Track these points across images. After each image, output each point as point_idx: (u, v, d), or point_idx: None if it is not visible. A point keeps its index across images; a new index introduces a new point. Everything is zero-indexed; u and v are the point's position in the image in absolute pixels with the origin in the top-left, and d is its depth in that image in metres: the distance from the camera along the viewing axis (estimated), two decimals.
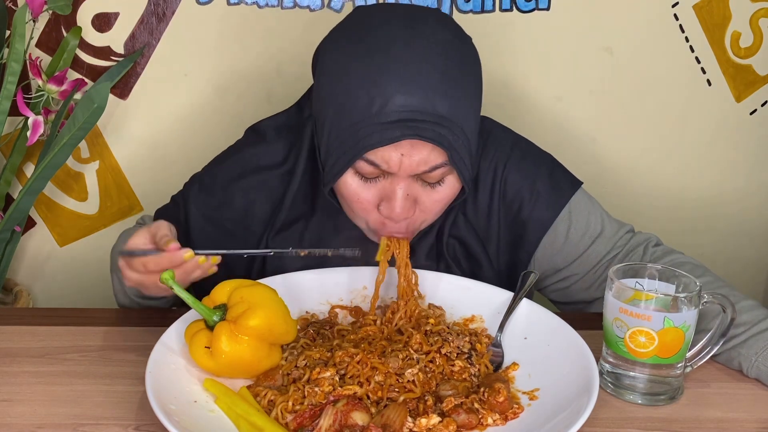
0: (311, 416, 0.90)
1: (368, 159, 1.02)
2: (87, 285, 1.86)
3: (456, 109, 1.01)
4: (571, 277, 1.21)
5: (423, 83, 0.99)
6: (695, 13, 1.73)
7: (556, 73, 1.75)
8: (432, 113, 1.00)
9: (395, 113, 0.99)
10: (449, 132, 1.01)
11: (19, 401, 0.95)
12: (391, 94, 0.99)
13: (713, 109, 1.80)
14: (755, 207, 1.90)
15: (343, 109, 1.02)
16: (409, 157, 1.02)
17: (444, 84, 1.00)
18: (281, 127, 1.23)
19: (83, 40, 1.67)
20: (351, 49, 1.03)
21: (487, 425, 0.90)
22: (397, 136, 0.99)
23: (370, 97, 1.00)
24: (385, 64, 1.00)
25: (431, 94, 1.00)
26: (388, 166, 1.03)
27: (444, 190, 1.08)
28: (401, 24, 1.03)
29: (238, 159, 1.23)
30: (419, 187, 1.07)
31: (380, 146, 1.00)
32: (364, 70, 1.01)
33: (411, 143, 1.01)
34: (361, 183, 1.06)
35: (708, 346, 1.00)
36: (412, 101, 0.99)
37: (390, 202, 1.05)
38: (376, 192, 1.07)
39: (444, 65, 1.01)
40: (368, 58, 1.01)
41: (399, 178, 1.04)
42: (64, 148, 1.49)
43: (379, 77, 1.00)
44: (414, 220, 1.09)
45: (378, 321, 1.07)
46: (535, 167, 1.21)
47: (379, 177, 1.06)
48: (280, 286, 1.03)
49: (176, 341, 1.00)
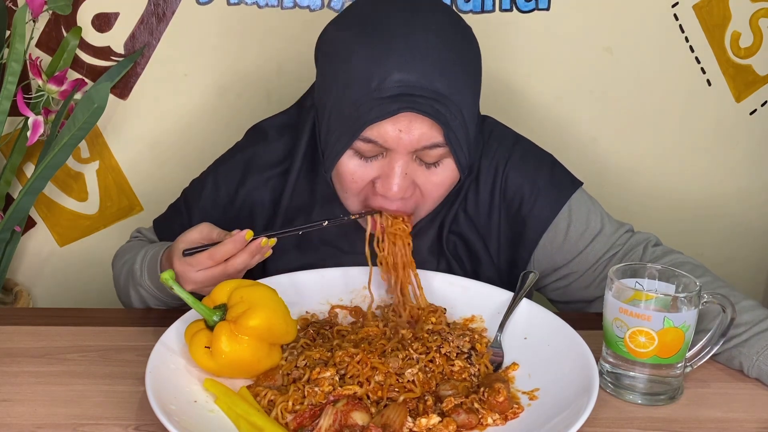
0: (311, 416, 0.90)
1: (366, 137, 1.04)
2: (87, 285, 1.86)
3: (454, 89, 1.03)
4: (571, 276, 1.21)
5: (422, 61, 1.01)
6: (695, 13, 1.73)
7: (556, 73, 1.75)
8: (430, 89, 1.02)
9: (393, 88, 1.01)
10: (446, 110, 1.03)
11: (19, 401, 0.95)
12: (390, 71, 1.01)
13: (713, 109, 1.80)
14: (755, 207, 1.90)
15: (344, 90, 1.04)
16: (407, 132, 1.03)
17: (442, 63, 1.02)
18: (282, 126, 1.24)
19: (83, 40, 1.67)
20: (352, 34, 1.05)
21: (487, 425, 0.90)
22: (394, 110, 1.01)
23: (369, 75, 1.02)
24: (385, 44, 1.02)
25: (430, 71, 1.02)
26: (385, 141, 1.04)
27: (442, 173, 1.09)
28: (402, 10, 1.05)
29: (240, 159, 1.24)
30: (417, 167, 1.08)
31: (379, 120, 1.02)
32: (364, 51, 1.03)
33: (409, 118, 1.02)
34: (360, 163, 1.07)
35: (708, 346, 1.00)
36: (410, 77, 1.01)
37: (387, 179, 1.06)
38: (373, 171, 1.08)
39: (444, 46, 1.03)
40: (368, 40, 1.03)
41: (397, 155, 1.05)
42: (64, 148, 1.49)
43: (379, 56, 1.02)
44: (407, 201, 1.10)
45: (381, 324, 1.07)
46: (536, 165, 1.21)
47: (377, 156, 1.07)
48: (280, 286, 1.03)
49: (176, 341, 1.00)
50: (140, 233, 1.34)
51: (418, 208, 1.12)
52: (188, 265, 1.05)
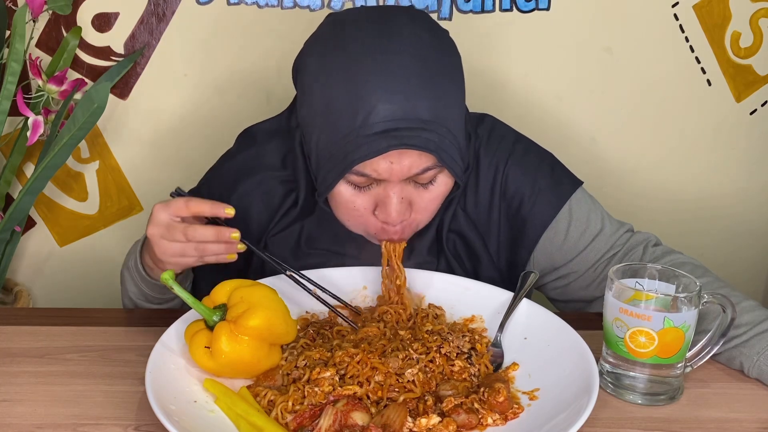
0: (311, 416, 0.90)
1: (358, 171, 1.04)
2: (87, 285, 1.86)
3: (438, 110, 1.03)
4: (571, 275, 1.21)
5: (403, 90, 1.01)
6: (695, 13, 1.73)
7: (556, 73, 1.75)
8: (415, 119, 1.01)
9: (379, 124, 1.00)
10: (435, 135, 1.02)
11: (19, 401, 0.95)
12: (373, 105, 1.00)
13: (713, 109, 1.80)
14: (755, 207, 1.90)
15: (328, 124, 1.04)
16: (398, 163, 1.03)
17: (423, 88, 1.02)
18: (272, 130, 1.23)
19: (83, 40, 1.67)
20: (329, 63, 1.04)
21: (487, 425, 0.90)
22: (383, 147, 1.01)
23: (353, 109, 1.01)
24: (364, 76, 1.01)
25: (413, 99, 1.01)
26: (378, 174, 1.04)
27: (437, 189, 1.09)
28: (375, 30, 1.04)
29: (232, 166, 1.24)
30: (412, 189, 1.08)
31: (368, 159, 1.02)
32: (344, 83, 1.02)
33: (399, 151, 1.02)
34: (355, 192, 1.08)
35: (708, 346, 1.00)
36: (395, 109, 1.00)
37: (385, 207, 1.07)
38: (370, 199, 1.08)
39: (421, 68, 1.02)
40: (346, 71, 1.02)
41: (391, 184, 1.06)
42: (64, 148, 1.49)
43: (360, 89, 1.01)
44: (411, 222, 1.10)
45: (381, 325, 1.07)
46: (536, 164, 1.21)
47: (371, 185, 1.07)
48: (280, 286, 1.03)
49: (176, 341, 1.00)
50: None
51: (418, 223, 1.12)
52: (164, 205, 1.04)
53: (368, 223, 1.10)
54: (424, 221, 1.13)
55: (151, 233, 1.05)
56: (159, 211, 1.04)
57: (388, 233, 1.10)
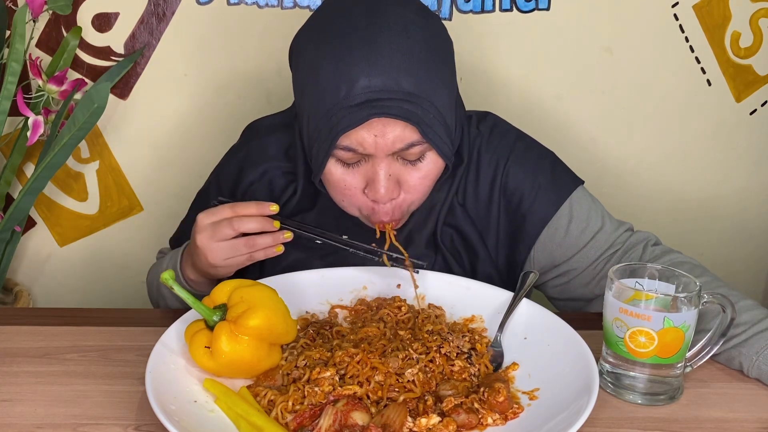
0: (311, 416, 0.90)
1: (344, 145, 1.05)
2: (87, 285, 1.86)
3: (423, 85, 1.03)
4: (570, 273, 1.21)
5: (386, 64, 1.02)
6: (695, 13, 1.73)
7: (556, 73, 1.75)
8: (397, 91, 1.02)
9: (361, 95, 1.02)
10: (418, 107, 1.03)
11: (19, 401, 0.95)
12: (356, 78, 1.02)
13: (713, 109, 1.80)
14: (755, 207, 1.90)
15: (315, 99, 1.05)
16: (382, 136, 1.04)
17: (407, 62, 1.03)
18: (276, 124, 1.26)
19: (83, 40, 1.67)
20: (317, 44, 1.06)
21: (487, 425, 0.90)
22: (364, 116, 1.02)
23: (337, 83, 1.02)
24: (349, 51, 1.02)
25: (395, 73, 1.02)
26: (363, 148, 1.05)
27: (425, 167, 1.09)
28: (363, 10, 1.06)
29: (235, 161, 1.26)
30: (400, 166, 1.08)
31: (350, 129, 1.03)
32: (330, 61, 1.03)
33: (382, 123, 1.03)
34: (345, 170, 1.08)
35: (708, 346, 1.00)
36: (376, 81, 1.02)
37: (373, 184, 1.07)
38: (360, 176, 1.09)
39: (406, 44, 1.03)
40: (332, 50, 1.04)
41: (378, 159, 1.06)
42: (64, 148, 1.49)
43: (344, 65, 1.02)
44: (401, 202, 1.11)
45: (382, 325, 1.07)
46: (537, 162, 1.21)
47: (360, 161, 1.08)
48: (280, 286, 1.03)
49: (176, 341, 1.00)
50: (163, 253, 1.37)
51: (409, 204, 1.12)
52: (208, 212, 1.09)
53: (360, 203, 1.11)
54: (415, 202, 1.13)
55: (201, 240, 1.10)
56: (203, 218, 1.10)
57: (378, 214, 1.10)
